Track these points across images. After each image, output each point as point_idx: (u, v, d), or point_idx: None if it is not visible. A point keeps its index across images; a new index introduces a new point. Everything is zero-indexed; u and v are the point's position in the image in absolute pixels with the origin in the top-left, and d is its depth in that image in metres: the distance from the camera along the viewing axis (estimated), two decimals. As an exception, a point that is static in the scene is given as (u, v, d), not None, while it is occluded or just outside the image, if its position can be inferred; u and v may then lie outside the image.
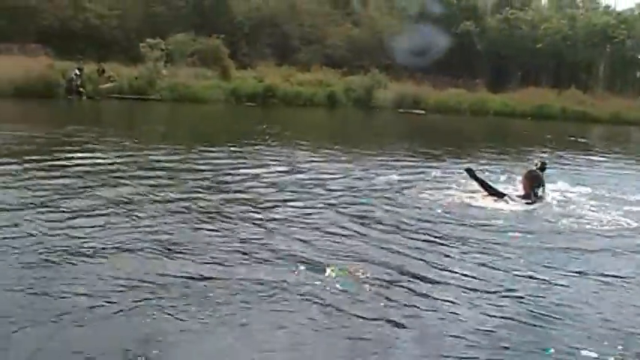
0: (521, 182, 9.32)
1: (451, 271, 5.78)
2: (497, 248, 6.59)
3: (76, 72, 29.00)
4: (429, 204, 8.70)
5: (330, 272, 5.54)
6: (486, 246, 6.68)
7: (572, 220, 8.06)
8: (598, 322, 4.79)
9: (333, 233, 6.89)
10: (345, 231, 7.01)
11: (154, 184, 9.11)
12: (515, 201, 8.84)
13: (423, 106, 36.93)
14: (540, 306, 5.02)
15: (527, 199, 8.91)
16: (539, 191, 9.04)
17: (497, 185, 9.66)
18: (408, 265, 5.88)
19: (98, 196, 7.96)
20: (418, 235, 7.03)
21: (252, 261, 5.78)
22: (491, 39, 52.19)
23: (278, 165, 12.13)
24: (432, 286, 5.36)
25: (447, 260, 6.12)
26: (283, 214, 7.75)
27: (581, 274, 5.90)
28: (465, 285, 5.42)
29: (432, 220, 7.80)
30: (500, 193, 8.99)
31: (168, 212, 7.39)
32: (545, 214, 8.41)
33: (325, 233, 6.85)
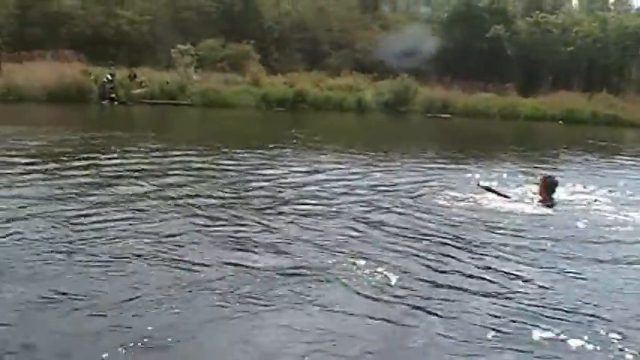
0: (538, 187, 9.56)
1: (480, 267, 6.04)
2: (518, 246, 6.82)
3: (108, 77, 29.33)
4: (448, 206, 8.83)
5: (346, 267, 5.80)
6: (508, 244, 6.89)
7: (590, 221, 8.27)
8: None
9: (349, 231, 7.15)
10: (360, 231, 7.20)
11: (178, 184, 9.53)
12: (532, 204, 9.11)
13: (452, 111, 36.71)
14: (565, 301, 5.23)
15: (544, 202, 9.17)
16: (555, 196, 9.37)
17: (515, 189, 10.12)
18: (425, 264, 6.11)
19: (124, 194, 8.45)
20: (438, 236, 7.18)
21: (269, 256, 6.07)
22: (522, 43, 51.70)
23: (302, 168, 12.31)
24: (451, 283, 5.61)
25: (473, 258, 6.37)
26: (302, 213, 7.98)
27: (601, 271, 6.16)
28: (497, 281, 5.69)
29: (451, 222, 7.94)
30: (512, 199, 9.35)
31: (189, 210, 7.76)
32: (565, 216, 8.61)
33: (340, 233, 7.03)
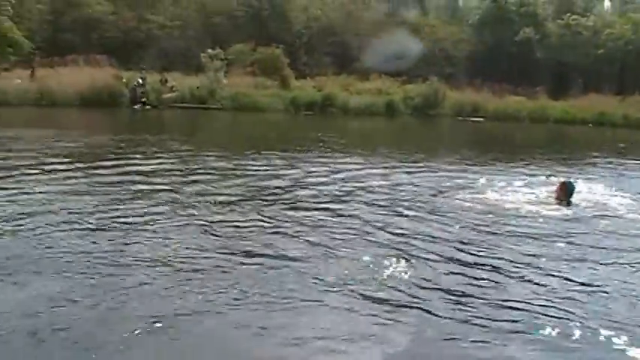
0: (556, 190, 9.72)
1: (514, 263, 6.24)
2: (534, 247, 6.96)
3: (139, 81, 29.61)
4: (467, 207, 8.92)
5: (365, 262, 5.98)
6: (526, 244, 7.06)
7: (609, 221, 8.44)
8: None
9: (364, 230, 7.29)
10: (374, 230, 7.32)
11: (201, 183, 9.93)
12: (551, 206, 9.25)
13: (482, 114, 36.53)
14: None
15: (562, 204, 9.38)
16: (571, 199, 9.59)
17: (533, 189, 10.40)
18: (441, 261, 6.25)
19: (148, 192, 8.92)
20: (452, 235, 7.31)
21: (283, 252, 6.25)
22: (552, 45, 51.24)
23: (322, 169, 12.45)
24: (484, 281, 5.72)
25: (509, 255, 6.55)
26: (318, 212, 8.18)
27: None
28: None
29: (467, 221, 8.03)
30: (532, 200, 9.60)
31: (209, 208, 8.06)
32: (585, 218, 8.69)
33: (354, 232, 7.16)
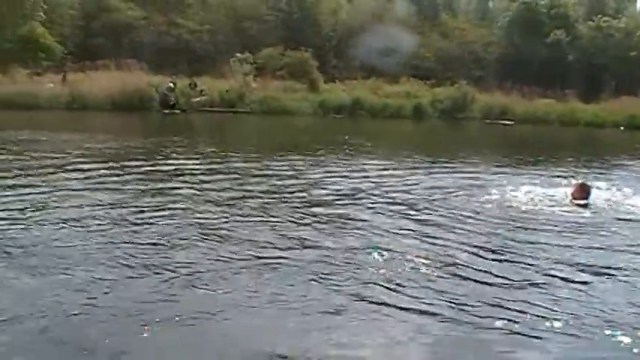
0: (573, 191, 9.70)
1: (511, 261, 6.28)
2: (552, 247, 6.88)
3: (170, 86, 29.82)
4: (481, 209, 8.83)
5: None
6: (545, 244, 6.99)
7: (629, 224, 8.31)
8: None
9: (379, 228, 7.33)
10: (390, 229, 7.32)
11: (225, 183, 10.15)
12: (569, 207, 9.23)
13: (511, 117, 36.20)
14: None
15: (581, 206, 9.30)
16: (590, 201, 9.52)
17: (549, 189, 10.39)
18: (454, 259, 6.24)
19: (174, 194, 9.08)
20: (467, 235, 7.25)
21: (298, 250, 6.33)
22: (583, 48, 50.77)
23: (343, 170, 12.41)
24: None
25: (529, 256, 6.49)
26: (333, 211, 8.29)
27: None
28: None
29: (484, 222, 7.98)
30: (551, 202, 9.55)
31: (230, 207, 8.24)
32: (602, 219, 8.61)
33: (369, 231, 7.18)
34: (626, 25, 52.31)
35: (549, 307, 4.99)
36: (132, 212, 7.62)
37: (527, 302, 5.06)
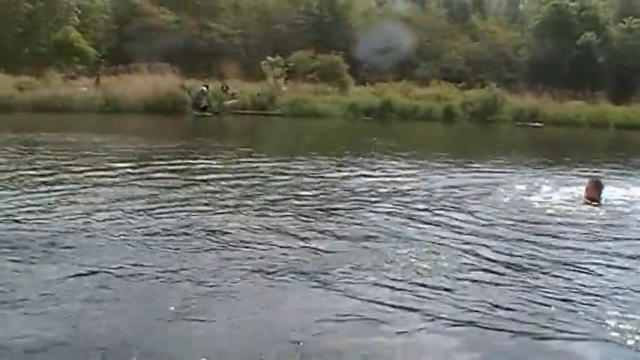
0: (586, 187, 9.44)
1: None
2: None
3: (203, 89, 29.76)
4: (502, 208, 8.69)
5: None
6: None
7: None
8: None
9: (394, 225, 7.31)
10: (405, 227, 7.26)
11: (250, 182, 10.31)
12: (584, 205, 9.03)
13: (541, 119, 35.64)
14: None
15: (592, 202, 9.11)
16: (602, 196, 9.29)
17: (564, 188, 10.31)
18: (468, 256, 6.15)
19: (199, 191, 9.28)
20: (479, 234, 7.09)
21: (310, 246, 6.33)
22: (614, 50, 50.05)
23: (365, 171, 12.29)
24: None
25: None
26: (351, 210, 8.23)
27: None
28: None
29: (502, 221, 7.79)
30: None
31: (250, 205, 8.36)
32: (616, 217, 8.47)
33: (384, 229, 7.10)
34: (658, 26, 51.42)
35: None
36: (155, 207, 7.80)
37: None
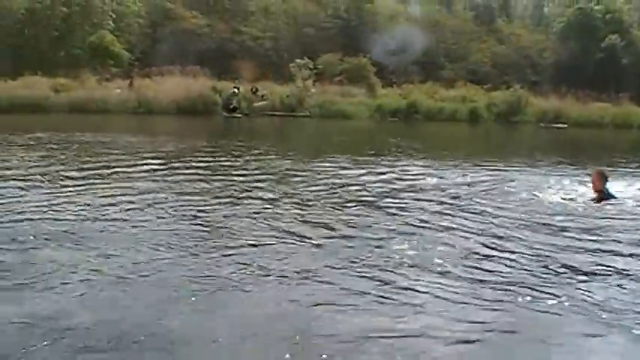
0: (592, 181, 9.29)
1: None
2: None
3: (234, 91, 30.01)
4: (513, 207, 8.64)
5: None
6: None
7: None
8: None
9: (410, 223, 7.33)
10: (420, 225, 7.26)
11: (274, 178, 10.67)
12: (592, 203, 8.85)
13: (565, 121, 35.37)
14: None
15: (599, 193, 8.97)
16: (607, 186, 9.09)
17: (571, 184, 10.46)
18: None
19: (224, 187, 9.58)
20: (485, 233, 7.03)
21: (331, 237, 6.54)
22: (638, 52, 49.50)
23: (384, 170, 12.31)
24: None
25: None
26: (366, 208, 8.29)
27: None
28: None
29: (514, 221, 7.71)
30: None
31: (274, 199, 8.58)
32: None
33: (398, 226, 7.17)
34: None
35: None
36: (180, 202, 8.15)
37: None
